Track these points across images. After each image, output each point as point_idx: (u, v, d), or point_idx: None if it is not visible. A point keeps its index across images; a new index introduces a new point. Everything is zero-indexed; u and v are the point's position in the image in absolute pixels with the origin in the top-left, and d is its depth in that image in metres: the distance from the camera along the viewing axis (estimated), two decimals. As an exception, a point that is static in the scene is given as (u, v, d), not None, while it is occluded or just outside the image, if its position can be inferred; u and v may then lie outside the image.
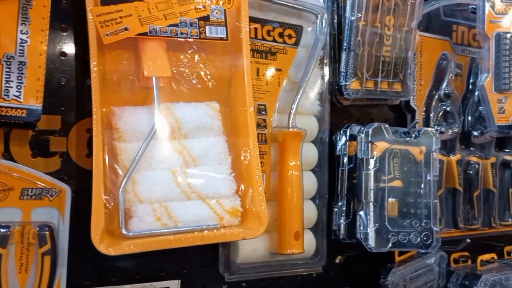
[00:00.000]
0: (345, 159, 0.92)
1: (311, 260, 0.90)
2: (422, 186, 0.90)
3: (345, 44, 0.91)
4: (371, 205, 0.85)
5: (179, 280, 0.80)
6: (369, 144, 0.86)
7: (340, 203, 0.92)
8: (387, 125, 0.88)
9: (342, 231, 0.91)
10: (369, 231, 0.85)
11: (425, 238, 0.88)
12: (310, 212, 0.90)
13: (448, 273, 1.09)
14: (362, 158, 0.87)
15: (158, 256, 0.78)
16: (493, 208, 1.15)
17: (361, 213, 0.86)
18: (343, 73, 0.91)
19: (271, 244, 0.84)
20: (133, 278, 0.78)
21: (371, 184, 0.86)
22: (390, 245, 0.85)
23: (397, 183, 0.88)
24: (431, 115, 1.07)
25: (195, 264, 0.82)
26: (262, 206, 0.73)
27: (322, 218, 0.92)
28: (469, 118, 1.13)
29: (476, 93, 1.11)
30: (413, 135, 0.91)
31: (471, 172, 1.11)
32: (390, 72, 0.96)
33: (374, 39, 0.93)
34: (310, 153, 0.91)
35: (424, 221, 0.89)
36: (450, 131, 1.07)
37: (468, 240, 1.01)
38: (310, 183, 0.91)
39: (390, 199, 0.88)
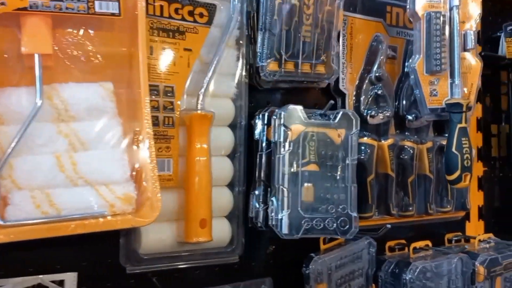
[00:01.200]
0: (263, 144, 0.88)
1: (226, 249, 0.87)
2: (340, 170, 0.86)
3: (261, 23, 0.86)
4: (283, 190, 0.82)
5: (76, 273, 0.76)
6: (282, 127, 0.82)
7: (257, 190, 0.88)
8: (301, 107, 0.85)
9: (260, 218, 0.87)
10: (279, 217, 0.81)
11: (342, 224, 0.85)
12: (226, 199, 0.87)
13: (381, 261, 1.06)
14: (276, 141, 0.83)
15: (53, 248, 0.74)
16: (430, 194, 1.12)
17: (273, 199, 0.82)
18: (259, 54, 0.87)
19: (179, 233, 0.80)
20: (26, 271, 0.73)
21: (285, 168, 0.83)
22: (302, 231, 0.82)
23: (313, 167, 0.84)
24: (362, 98, 1.04)
25: (95, 256, 0.78)
26: (155, 193, 0.69)
27: (239, 205, 0.88)
28: (404, 102, 1.10)
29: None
30: (331, 117, 0.87)
31: (405, 157, 1.08)
32: (312, 53, 0.92)
33: (293, 18, 0.89)
34: (226, 138, 0.87)
35: (341, 206, 0.85)
36: (381, 115, 1.04)
37: (388, 226, 0.98)
38: (226, 169, 0.87)
39: (305, 184, 0.84)
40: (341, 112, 0.88)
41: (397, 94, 1.10)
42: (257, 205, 0.87)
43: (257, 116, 0.89)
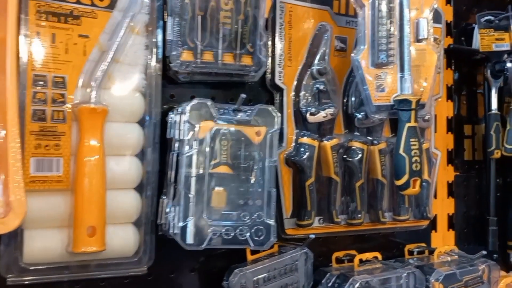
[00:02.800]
0: (177, 143, 0.79)
1: (131, 260, 0.78)
2: (257, 173, 0.77)
3: (169, 6, 0.78)
4: (187, 194, 0.72)
5: None
6: (188, 124, 0.73)
7: (168, 194, 0.79)
8: (211, 102, 0.75)
9: (170, 226, 0.78)
10: (181, 226, 0.72)
11: (257, 234, 0.75)
12: (132, 204, 0.78)
13: (323, 273, 0.96)
14: (181, 140, 0.74)
15: None
16: (383, 201, 1.01)
17: (176, 204, 0.73)
18: (169, 42, 0.79)
19: (70, 241, 0.72)
20: None
21: (191, 170, 0.74)
22: (207, 241, 0.72)
23: (224, 169, 0.75)
24: (301, 94, 0.94)
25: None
26: (17, 196, 0.61)
27: (149, 211, 0.79)
28: (353, 98, 1.00)
29: (364, 70, 0.97)
30: (248, 113, 0.78)
31: (352, 159, 0.98)
32: (235, 42, 0.83)
33: (208, 2, 0.80)
34: (134, 135, 0.78)
35: (257, 213, 0.76)
36: (324, 112, 0.94)
37: (312, 236, 0.88)
38: (133, 170, 0.78)
39: (216, 188, 0.75)
40: (257, 108, 0.78)
41: (346, 90, 1.00)
42: (168, 211, 0.78)
43: (170, 112, 0.80)
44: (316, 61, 0.94)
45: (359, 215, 0.98)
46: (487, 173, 1.20)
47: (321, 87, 0.94)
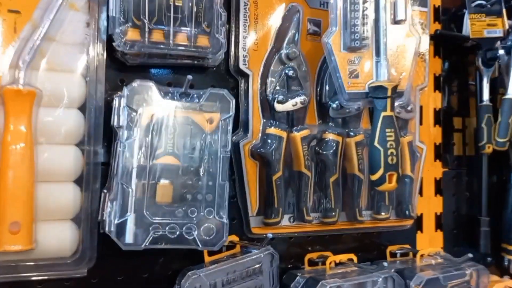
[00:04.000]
0: (119, 131, 0.71)
1: (68, 260, 0.70)
2: (207, 164, 0.69)
3: (109, -21, 0.70)
4: (126, 188, 0.65)
5: None
6: (127, 109, 0.65)
7: (111, 187, 0.71)
8: (154, 84, 0.68)
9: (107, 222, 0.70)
10: (118, 223, 0.64)
11: (207, 232, 0.67)
12: (70, 198, 0.70)
13: (293, 276, 0.87)
14: (120, 127, 0.66)
15: None
16: (360, 198, 0.93)
17: (114, 198, 0.65)
18: (111, 19, 0.71)
19: (-5, 238, 0.64)
20: None
21: (131, 161, 0.66)
22: (147, 242, 0.64)
23: (170, 160, 0.68)
24: (269, 80, 0.86)
25: None
26: None
27: (90, 206, 0.71)
28: (327, 86, 0.92)
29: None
30: (198, 98, 0.70)
31: (326, 152, 0.89)
32: (189, 21, 0.75)
33: (156, -25, 0.72)
34: (72, 123, 0.71)
35: (207, 209, 0.68)
36: (293, 101, 0.86)
37: (270, 235, 0.80)
38: (72, 161, 0.71)
39: (162, 181, 0.67)
40: (209, 92, 0.70)
41: (320, 77, 0.92)
42: (110, 207, 0.70)
43: (115, 97, 0.73)
44: (285, 45, 0.86)
45: (333, 213, 0.90)
46: (478, 169, 1.10)
47: (290, 73, 0.86)
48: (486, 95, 1.08)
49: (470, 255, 0.94)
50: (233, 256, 0.81)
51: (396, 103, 0.87)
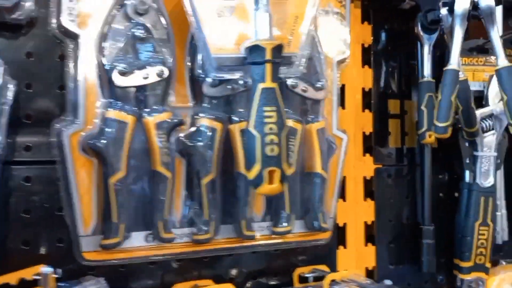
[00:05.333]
0: None
1: None
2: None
3: None
4: None
5: None
6: None
7: None
8: None
9: None
10: None
11: None
12: None
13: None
14: None
15: None
16: (248, 205, 0.68)
17: None
18: None
19: None
20: None
21: None
22: None
23: None
24: (108, 44, 0.61)
25: None
26: None
27: None
28: (201, 55, 0.67)
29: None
30: None
31: (197, 144, 0.65)
32: None
33: None
34: None
35: None
36: (142, 72, 0.61)
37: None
38: None
39: None
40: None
41: (192, 43, 0.67)
42: None
43: None
44: (130, -7, 0.62)
45: (206, 228, 0.65)
46: (421, 165, 0.87)
47: (139, 33, 0.62)
48: (427, 70, 0.84)
49: (388, 282, 0.70)
50: None
51: (294, 77, 0.64)
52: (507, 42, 0.89)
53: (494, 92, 0.86)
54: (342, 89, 0.82)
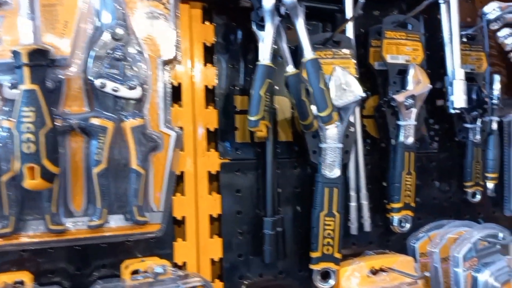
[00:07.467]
0: None
1: None
2: None
3: None
4: None
5: None
6: None
7: None
8: None
9: None
10: None
11: None
12: None
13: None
14: None
15: None
16: (53, 199, 0.72)
17: None
18: None
19: None
20: None
21: None
22: None
23: None
24: None
25: None
26: None
27: None
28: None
29: None
30: None
31: None
32: None
33: None
34: None
35: None
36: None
37: None
38: None
39: None
40: None
41: None
42: None
43: None
44: None
45: (6, 221, 0.69)
46: (264, 157, 0.89)
47: None
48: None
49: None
50: None
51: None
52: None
53: (333, 87, 0.87)
54: (178, 87, 0.85)
